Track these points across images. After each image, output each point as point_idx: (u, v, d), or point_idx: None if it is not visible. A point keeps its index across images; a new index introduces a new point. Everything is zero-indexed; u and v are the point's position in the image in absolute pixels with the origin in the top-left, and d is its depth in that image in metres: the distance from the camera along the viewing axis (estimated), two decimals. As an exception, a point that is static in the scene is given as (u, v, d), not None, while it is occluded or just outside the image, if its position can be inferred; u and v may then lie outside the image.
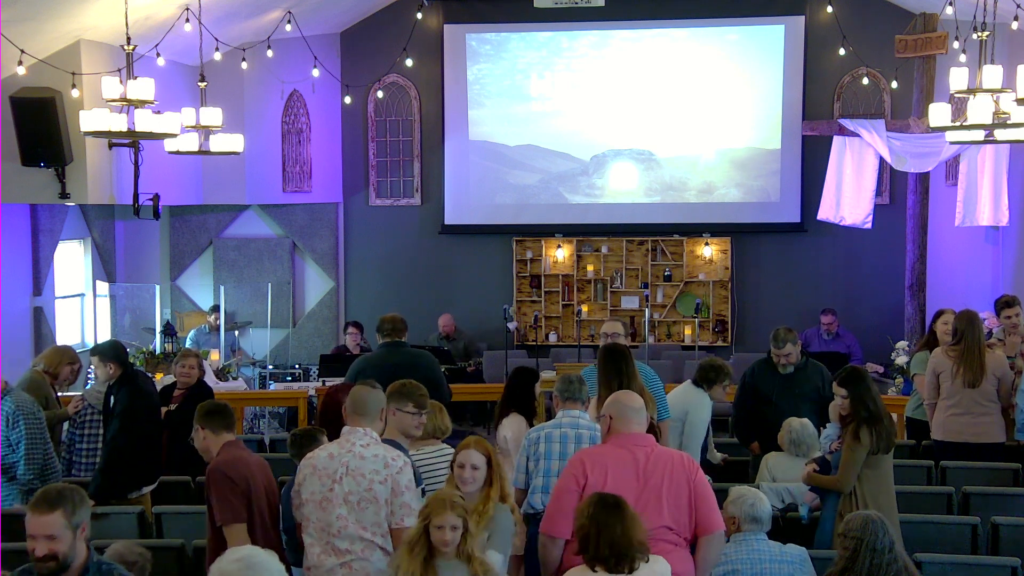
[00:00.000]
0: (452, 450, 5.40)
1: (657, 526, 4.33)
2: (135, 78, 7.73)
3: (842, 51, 12.58)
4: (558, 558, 4.44)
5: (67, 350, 7.82)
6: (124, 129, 7.90)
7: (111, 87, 7.68)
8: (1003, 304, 7.99)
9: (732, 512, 4.84)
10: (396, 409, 4.93)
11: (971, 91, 7.55)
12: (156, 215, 10.69)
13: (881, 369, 11.44)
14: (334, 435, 5.50)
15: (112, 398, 6.83)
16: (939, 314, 7.96)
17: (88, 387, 7.67)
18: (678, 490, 4.40)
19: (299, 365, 12.88)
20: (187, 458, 7.26)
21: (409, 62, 12.74)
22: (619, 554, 3.83)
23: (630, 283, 13.47)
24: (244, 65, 11.39)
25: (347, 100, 12.93)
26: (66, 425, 7.60)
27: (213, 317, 12.10)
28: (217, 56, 10.34)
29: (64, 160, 9.80)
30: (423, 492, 4.80)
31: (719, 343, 13.25)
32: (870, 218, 11.06)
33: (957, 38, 10.06)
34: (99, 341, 10.93)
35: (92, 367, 7.27)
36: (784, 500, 6.08)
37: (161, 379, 9.24)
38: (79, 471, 7.33)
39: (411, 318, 13.08)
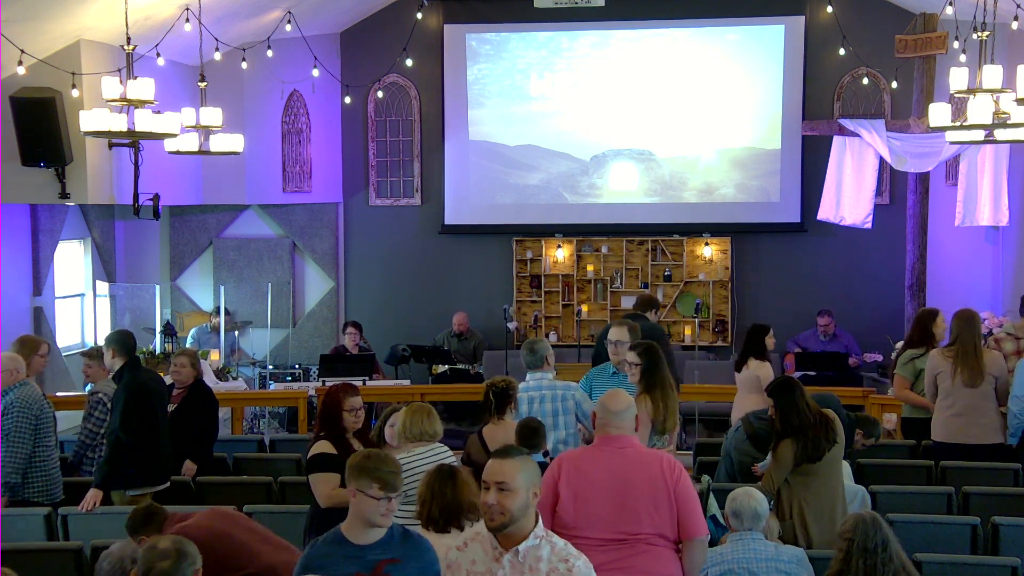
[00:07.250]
0: (445, 448, 5.40)
1: (638, 529, 4.30)
2: (135, 78, 7.72)
3: (842, 51, 12.57)
4: None
5: (29, 339, 7.23)
6: (124, 129, 7.88)
7: (111, 87, 7.67)
8: None
9: (726, 510, 4.91)
10: None
11: (971, 91, 7.55)
12: (156, 215, 10.68)
13: (880, 358, 11.44)
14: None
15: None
16: (932, 315, 7.91)
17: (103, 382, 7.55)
18: (657, 492, 4.34)
19: (299, 365, 12.88)
20: (188, 457, 7.29)
21: (409, 62, 12.73)
22: (447, 517, 4.28)
23: (630, 283, 13.46)
24: (244, 65, 11.38)
25: (347, 100, 12.92)
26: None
27: (215, 319, 12.10)
28: (217, 56, 10.33)
29: (64, 160, 9.80)
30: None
31: (719, 343, 13.25)
32: (870, 218, 11.06)
33: (957, 38, 10.07)
34: (100, 340, 10.94)
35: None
36: None
37: (161, 379, 9.23)
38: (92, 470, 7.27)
39: (411, 318, 13.46)
